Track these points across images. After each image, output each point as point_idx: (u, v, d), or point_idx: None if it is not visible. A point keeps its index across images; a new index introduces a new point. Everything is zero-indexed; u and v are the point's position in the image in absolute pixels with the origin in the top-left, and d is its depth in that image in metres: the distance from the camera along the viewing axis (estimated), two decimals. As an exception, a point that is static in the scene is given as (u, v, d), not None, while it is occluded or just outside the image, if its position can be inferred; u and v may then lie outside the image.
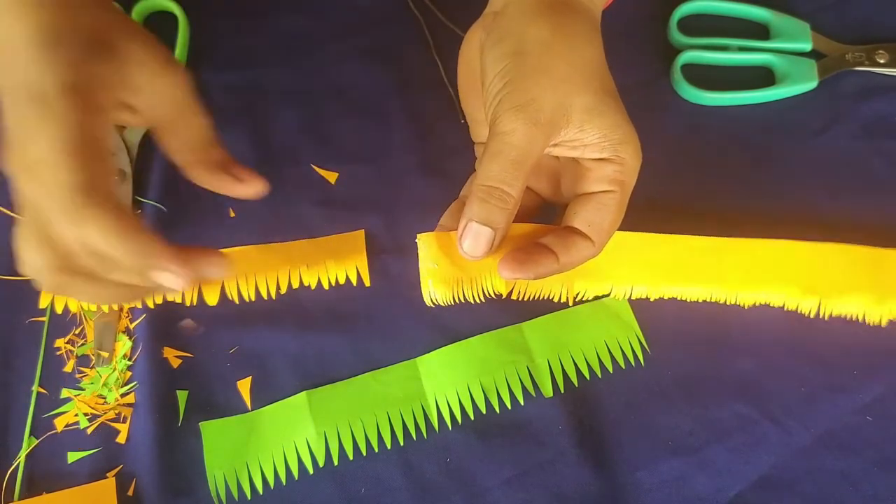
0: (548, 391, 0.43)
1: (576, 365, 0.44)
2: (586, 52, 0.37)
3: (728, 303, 0.44)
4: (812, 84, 0.50)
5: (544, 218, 0.40)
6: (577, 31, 0.37)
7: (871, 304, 0.44)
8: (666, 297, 0.43)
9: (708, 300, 0.44)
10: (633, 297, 0.43)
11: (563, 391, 0.43)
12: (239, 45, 0.52)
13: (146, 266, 0.32)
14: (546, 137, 0.35)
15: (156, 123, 0.36)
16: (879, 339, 0.44)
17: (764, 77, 0.52)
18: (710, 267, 0.44)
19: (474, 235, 0.36)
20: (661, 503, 0.41)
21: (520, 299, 0.41)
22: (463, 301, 0.38)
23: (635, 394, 0.43)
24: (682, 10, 0.52)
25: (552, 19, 0.37)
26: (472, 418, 0.43)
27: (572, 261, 0.37)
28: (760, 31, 0.53)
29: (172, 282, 0.32)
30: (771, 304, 0.44)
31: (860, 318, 0.44)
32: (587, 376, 0.44)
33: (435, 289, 0.37)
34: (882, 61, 0.51)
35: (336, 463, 0.42)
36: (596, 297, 0.44)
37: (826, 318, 0.44)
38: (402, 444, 0.42)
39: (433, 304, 0.37)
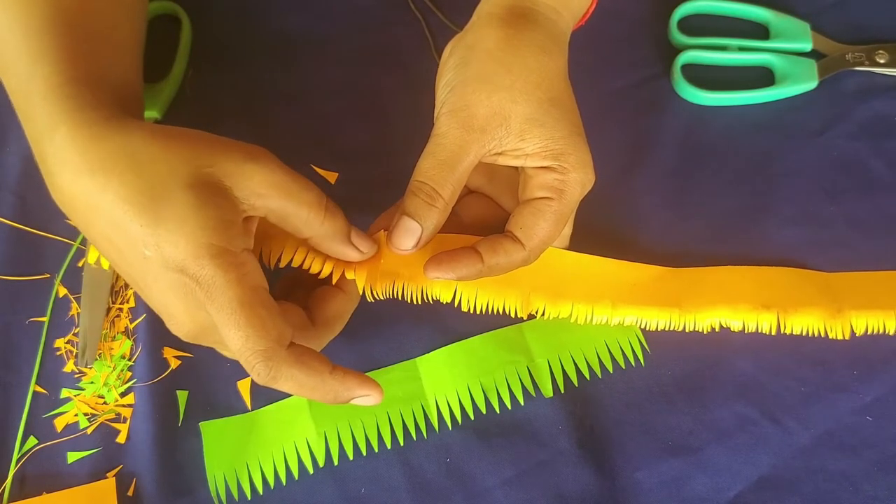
0: (548, 391, 0.43)
1: (576, 365, 0.44)
2: (533, 62, 0.37)
3: (687, 329, 0.43)
4: (812, 84, 0.50)
5: None
6: (529, 41, 0.37)
7: (828, 318, 0.43)
8: (625, 323, 0.43)
9: (667, 328, 0.43)
10: (595, 321, 0.42)
11: (563, 391, 0.43)
12: (240, 46, 0.52)
13: (341, 400, 0.34)
14: (479, 144, 0.36)
15: (272, 214, 0.35)
16: (879, 340, 0.44)
17: (764, 77, 0.52)
18: (667, 292, 0.44)
19: (402, 229, 0.37)
20: (661, 503, 0.41)
21: (470, 311, 0.40)
22: (400, 299, 0.39)
23: (635, 394, 0.43)
24: (682, 10, 0.52)
25: (503, 31, 0.37)
26: (472, 418, 0.43)
27: (499, 263, 0.37)
28: (760, 31, 0.53)
29: (368, 401, 0.35)
30: (731, 329, 0.43)
31: (823, 333, 0.44)
32: (587, 376, 0.44)
33: (370, 281, 0.38)
34: (882, 61, 0.51)
35: (336, 463, 0.42)
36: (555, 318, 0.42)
37: (789, 333, 0.43)
38: (402, 444, 0.42)
39: (372, 298, 0.38)
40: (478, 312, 0.40)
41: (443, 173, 0.36)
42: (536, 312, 0.42)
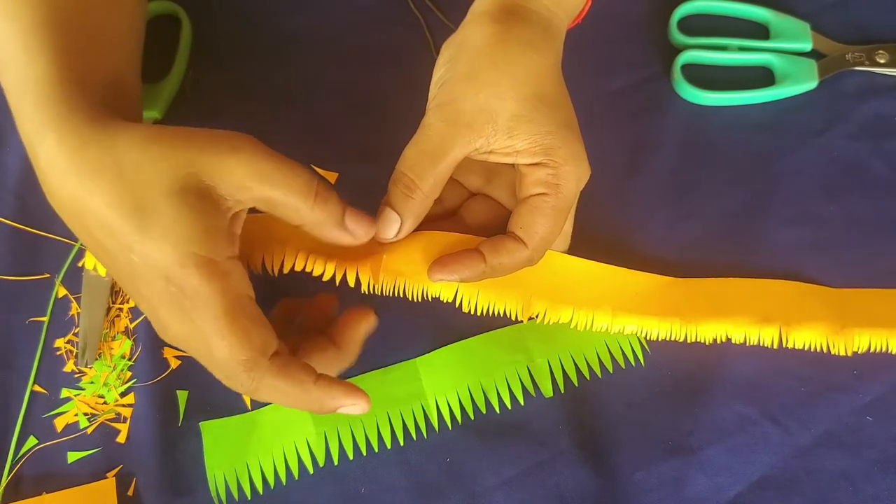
0: (548, 391, 0.43)
1: (576, 365, 0.44)
2: (521, 59, 0.37)
3: (689, 340, 0.43)
4: (812, 84, 0.50)
5: None
6: (517, 38, 0.37)
7: (831, 334, 0.43)
8: (625, 332, 0.43)
9: (667, 339, 0.43)
10: (595, 328, 0.42)
11: (563, 391, 0.43)
12: (240, 46, 0.52)
13: (327, 410, 0.34)
14: (465, 139, 0.36)
15: (261, 204, 0.34)
16: (879, 339, 0.44)
17: (764, 77, 0.52)
18: (669, 302, 0.44)
19: (382, 219, 0.37)
20: (661, 503, 0.41)
21: (470, 312, 0.40)
22: (401, 296, 0.39)
23: (635, 394, 0.43)
24: (682, 10, 0.52)
25: (493, 27, 0.37)
26: (472, 418, 0.43)
27: (502, 263, 0.37)
28: (760, 31, 0.53)
29: (354, 410, 0.35)
30: (733, 341, 0.43)
31: (824, 349, 0.43)
32: (587, 376, 0.44)
33: (373, 278, 0.38)
34: (882, 61, 0.51)
35: (336, 463, 0.42)
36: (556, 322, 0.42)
37: (791, 347, 0.43)
38: (402, 444, 0.42)
39: (369, 291, 0.39)
40: (478, 314, 0.40)
41: (424, 164, 0.36)
42: (537, 316, 0.42)
